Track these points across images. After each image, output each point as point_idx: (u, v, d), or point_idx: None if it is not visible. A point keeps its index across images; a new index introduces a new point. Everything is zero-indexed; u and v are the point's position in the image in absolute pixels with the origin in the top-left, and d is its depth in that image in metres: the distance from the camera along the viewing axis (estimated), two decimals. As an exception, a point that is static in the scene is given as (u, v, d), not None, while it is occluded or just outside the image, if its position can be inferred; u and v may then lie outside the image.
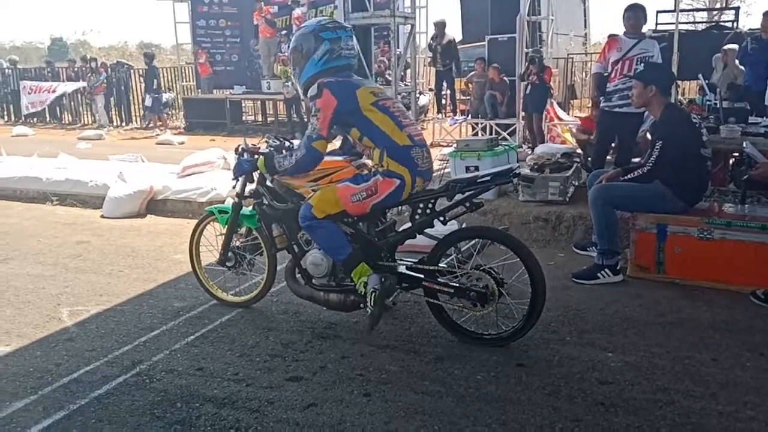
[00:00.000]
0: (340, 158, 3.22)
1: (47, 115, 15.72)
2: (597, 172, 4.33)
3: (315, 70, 2.97)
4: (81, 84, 14.94)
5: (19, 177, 6.99)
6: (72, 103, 15.68)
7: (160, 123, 13.51)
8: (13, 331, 3.42)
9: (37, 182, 6.86)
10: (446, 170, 5.61)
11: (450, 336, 3.14)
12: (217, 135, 11.84)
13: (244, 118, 14.25)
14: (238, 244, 3.59)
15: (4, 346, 3.25)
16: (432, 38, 11.39)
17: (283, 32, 12.86)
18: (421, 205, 3.03)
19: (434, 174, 3.35)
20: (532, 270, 2.86)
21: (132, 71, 15.16)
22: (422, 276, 3.04)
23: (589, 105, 6.51)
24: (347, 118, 2.92)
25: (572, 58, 12.51)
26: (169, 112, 14.27)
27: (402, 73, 6.77)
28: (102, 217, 5.99)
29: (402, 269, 3.09)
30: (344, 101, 2.87)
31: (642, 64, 4.70)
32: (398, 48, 6.13)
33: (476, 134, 9.31)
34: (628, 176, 3.93)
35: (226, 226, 3.55)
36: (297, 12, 12.54)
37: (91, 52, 26.93)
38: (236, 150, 3.43)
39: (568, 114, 9.87)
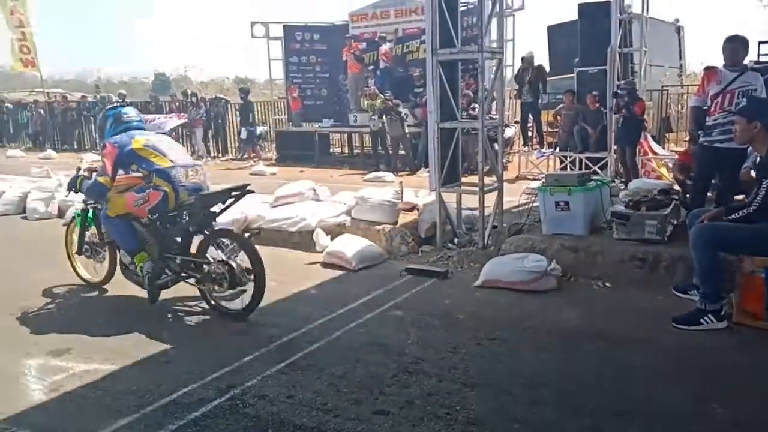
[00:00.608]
0: (138, 175, 4.20)
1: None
2: (697, 211, 4.12)
3: (108, 135, 4.37)
4: (183, 120, 15.92)
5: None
6: (173, 135, 16.75)
7: (254, 154, 14.14)
8: (118, 351, 3.64)
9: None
10: (535, 204, 5.51)
11: (547, 380, 3.05)
12: (306, 166, 12.24)
13: (331, 150, 14.67)
14: (94, 239, 4.82)
15: (110, 364, 3.46)
16: (519, 71, 11.35)
17: (371, 67, 13.23)
18: (197, 212, 4.15)
19: (522, 208, 3.33)
20: (253, 262, 3.97)
21: (228, 105, 16.04)
22: (188, 265, 4.19)
23: (686, 139, 6.21)
24: (126, 158, 4.17)
25: (667, 90, 12.03)
26: (262, 144, 14.92)
27: (488, 106, 6.73)
28: (199, 244, 6.30)
29: (177, 260, 4.20)
30: (122, 148, 4.15)
31: (744, 99, 4.44)
32: (484, 82, 6.12)
33: (564, 168, 9.10)
34: (732, 216, 3.71)
35: (79, 226, 4.86)
36: (384, 48, 12.89)
37: (191, 86, 28.78)
38: (76, 169, 4.76)
39: (664, 148, 9.46)
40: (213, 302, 4.17)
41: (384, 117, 11.39)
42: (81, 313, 4.39)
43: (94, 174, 4.45)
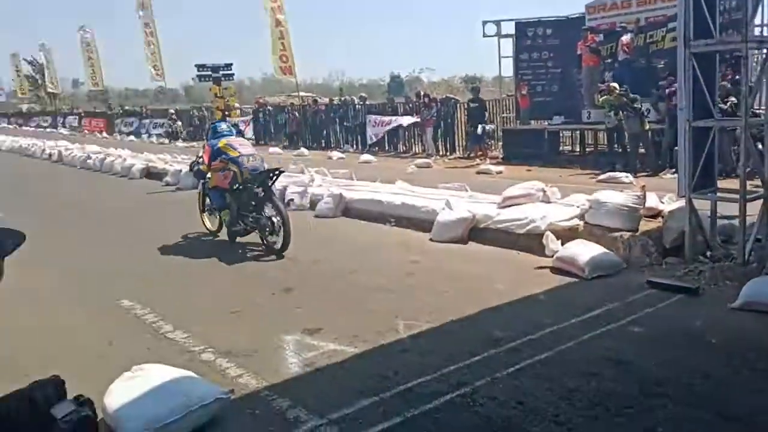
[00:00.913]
0: (222, 163, 6.44)
1: (386, 144, 18.06)
2: None
3: (210, 138, 6.78)
4: (415, 119, 16.75)
5: (366, 199, 8.17)
6: (406, 134, 17.72)
7: (481, 153, 14.30)
8: (360, 336, 3.98)
9: (378, 204, 7.92)
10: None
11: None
12: (533, 165, 12.00)
13: (561, 148, 14.16)
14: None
15: (353, 347, 3.80)
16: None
17: (608, 60, 12.45)
18: (254, 184, 6.29)
19: None
20: (284, 219, 6.04)
21: (458, 105, 16.42)
22: (253, 218, 6.34)
23: None
24: (216, 153, 6.48)
25: None
26: (489, 143, 15.02)
27: (752, 101, 5.83)
28: (430, 240, 6.59)
29: (249, 217, 6.37)
30: (213, 146, 6.53)
31: None
32: (748, 74, 5.32)
33: None
34: None
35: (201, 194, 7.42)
36: (625, 39, 12.02)
37: (422, 87, 30.11)
38: (195, 157, 7.56)
39: None
40: (265, 242, 6.27)
41: (620, 113, 10.63)
42: (335, 296, 4.88)
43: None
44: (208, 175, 6.66)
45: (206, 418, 2.90)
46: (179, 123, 26.39)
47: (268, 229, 6.18)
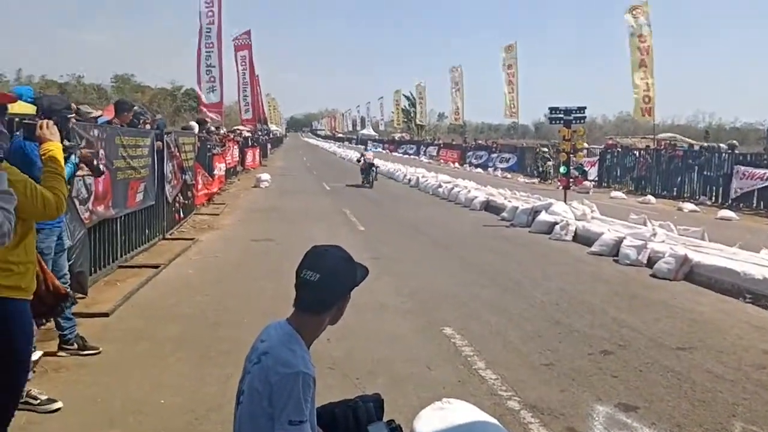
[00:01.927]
0: None
1: (754, 201, 15.47)
2: None
3: None
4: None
5: (716, 266, 7.10)
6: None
7: None
8: (684, 428, 3.45)
9: (732, 274, 6.80)
10: None
11: None
12: None
13: None
14: None
15: (674, 439, 3.33)
16: None
17: None
18: None
19: None
20: None
21: None
22: None
23: None
24: None
25: None
26: None
27: None
28: (797, 329, 5.38)
29: None
30: None
31: None
32: None
33: None
34: None
35: None
36: None
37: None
38: None
39: None
40: None
41: None
42: (660, 371, 4.39)
43: None
44: None
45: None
46: (550, 163, 24.24)
47: None
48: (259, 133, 33.82)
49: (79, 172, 4.82)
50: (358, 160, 20.96)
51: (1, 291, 2.42)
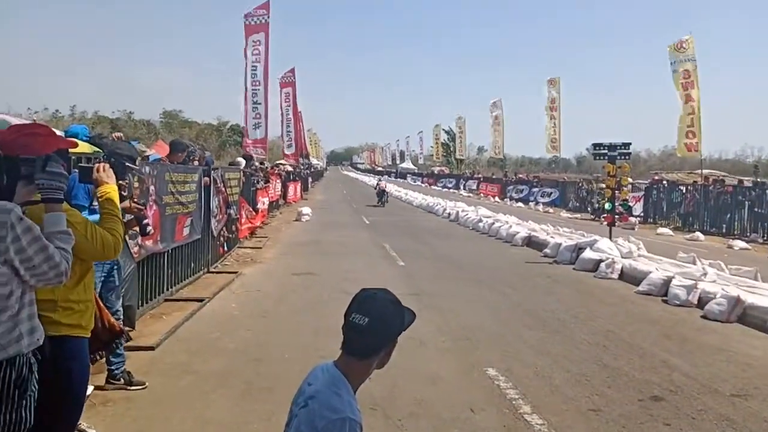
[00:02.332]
0: None
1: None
2: None
3: None
4: None
5: (774, 308, 6.81)
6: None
7: None
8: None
9: (791, 317, 6.50)
10: None
11: None
12: None
13: None
14: None
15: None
16: None
17: None
18: None
19: None
20: None
21: None
22: None
23: None
24: None
25: None
26: None
27: None
28: None
29: None
30: None
31: None
32: None
33: None
34: None
35: None
36: None
37: None
38: None
39: None
40: None
41: None
42: (715, 419, 4.19)
43: None
44: None
45: None
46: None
47: None
48: (301, 167, 34.43)
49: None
50: (375, 186, 28.40)
51: (63, 329, 2.50)
